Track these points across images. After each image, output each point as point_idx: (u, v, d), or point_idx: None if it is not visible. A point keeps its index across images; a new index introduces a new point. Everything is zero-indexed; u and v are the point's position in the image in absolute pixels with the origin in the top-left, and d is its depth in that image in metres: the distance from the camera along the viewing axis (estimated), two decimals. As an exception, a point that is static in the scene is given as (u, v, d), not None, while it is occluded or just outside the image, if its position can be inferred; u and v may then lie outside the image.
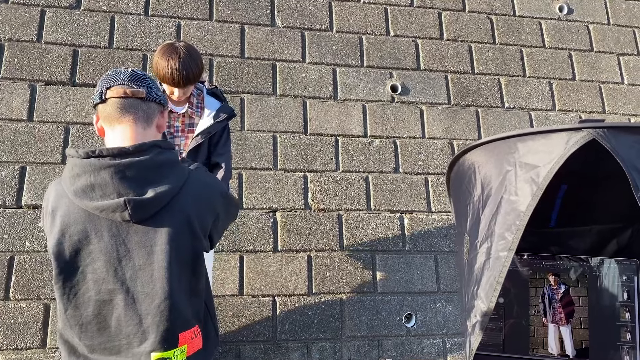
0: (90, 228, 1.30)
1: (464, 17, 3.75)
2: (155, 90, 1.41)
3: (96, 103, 1.37)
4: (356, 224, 3.13)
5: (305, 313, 2.92)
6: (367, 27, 3.55)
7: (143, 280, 1.32)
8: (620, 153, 0.85)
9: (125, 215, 1.28)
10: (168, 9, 3.27)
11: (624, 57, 3.91)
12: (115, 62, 3.08)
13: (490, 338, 1.13)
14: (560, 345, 1.09)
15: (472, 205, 1.02)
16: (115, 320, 1.33)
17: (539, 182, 0.88)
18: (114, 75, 1.36)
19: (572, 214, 1.17)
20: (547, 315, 1.11)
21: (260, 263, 2.94)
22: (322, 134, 3.26)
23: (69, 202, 1.30)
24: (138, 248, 1.31)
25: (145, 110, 1.37)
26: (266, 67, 3.31)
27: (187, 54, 2.01)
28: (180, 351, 1.35)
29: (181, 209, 1.34)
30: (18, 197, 2.75)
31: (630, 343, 1.05)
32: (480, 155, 1.02)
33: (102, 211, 1.28)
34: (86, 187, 1.28)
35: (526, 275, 1.13)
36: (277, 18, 3.43)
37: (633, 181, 0.85)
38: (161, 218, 1.32)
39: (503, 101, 3.60)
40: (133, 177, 1.29)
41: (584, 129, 0.88)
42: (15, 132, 2.85)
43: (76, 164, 1.29)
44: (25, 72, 2.96)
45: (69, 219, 1.30)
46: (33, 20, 3.05)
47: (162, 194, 1.31)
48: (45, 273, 2.67)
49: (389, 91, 3.44)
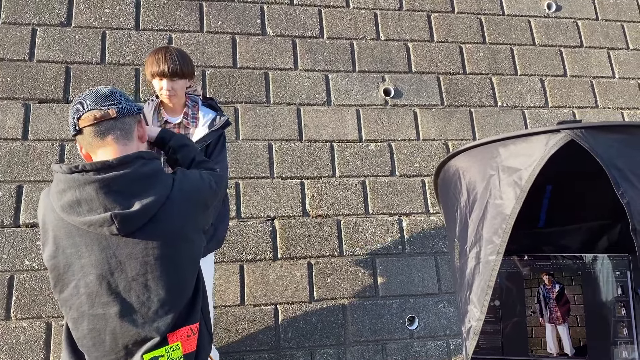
0: (80, 242, 1.31)
1: (454, 18, 3.78)
2: (125, 103, 1.40)
3: (73, 135, 1.38)
4: (355, 228, 3.14)
5: (307, 320, 2.91)
6: (357, 32, 3.57)
7: (137, 291, 1.33)
8: (599, 152, 0.88)
9: (113, 230, 1.28)
10: (159, 22, 3.28)
11: (614, 51, 3.94)
12: (108, 77, 3.09)
13: (488, 341, 1.15)
14: (558, 344, 1.10)
15: (460, 211, 1.04)
16: (111, 334, 1.33)
17: (522, 184, 0.90)
18: (80, 102, 1.36)
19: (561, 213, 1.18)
20: (544, 315, 1.12)
21: (261, 272, 2.94)
22: (317, 140, 3.27)
23: (58, 217, 1.31)
24: (129, 260, 1.32)
25: (121, 128, 1.37)
26: (259, 76, 3.32)
27: (177, 50, 2.11)
28: (174, 348, 1.36)
29: (170, 217, 1.35)
30: (16, 216, 2.75)
31: (627, 338, 1.05)
32: (464, 161, 1.04)
33: (90, 226, 1.29)
34: (73, 203, 1.29)
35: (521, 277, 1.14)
36: (267, 27, 3.45)
37: (613, 179, 0.88)
38: (151, 228, 1.32)
39: (496, 100, 3.62)
40: (118, 190, 1.29)
41: (562, 131, 0.91)
42: (11, 151, 2.85)
43: (61, 179, 1.31)
44: (19, 91, 2.96)
45: (60, 233, 1.31)
46: (24, 39, 3.06)
47: (149, 205, 1.31)
48: (46, 291, 2.67)
49: (382, 95, 3.46)
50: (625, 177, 0.88)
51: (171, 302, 1.36)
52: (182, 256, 1.39)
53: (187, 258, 1.40)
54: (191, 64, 2.15)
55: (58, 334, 2.63)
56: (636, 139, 0.92)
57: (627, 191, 0.88)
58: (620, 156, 0.89)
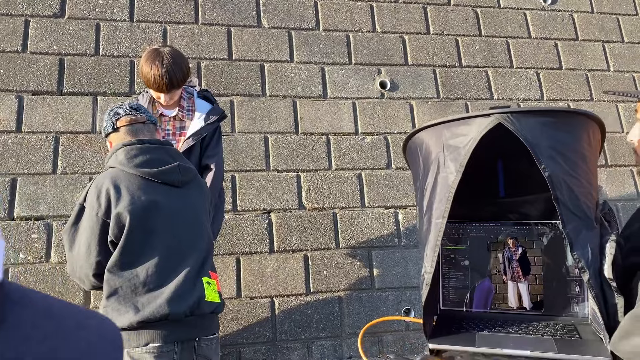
0: (152, 191, 1.69)
1: (450, 11, 3.77)
2: (149, 115, 1.85)
3: (109, 132, 1.78)
4: (351, 221, 3.14)
5: (304, 312, 2.92)
6: (353, 25, 3.56)
7: (194, 229, 1.77)
8: (523, 133, 1.04)
9: (178, 177, 1.75)
10: (153, 14, 3.25)
11: (609, 44, 3.95)
12: (102, 69, 3.06)
13: (458, 295, 1.30)
14: (518, 299, 1.25)
15: (419, 183, 1.23)
16: (176, 262, 1.68)
17: (460, 159, 1.08)
18: (117, 109, 1.79)
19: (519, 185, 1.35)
20: (507, 274, 1.28)
21: (257, 264, 2.94)
22: (314, 133, 3.26)
23: (130, 176, 1.68)
24: (187, 205, 1.78)
25: (149, 130, 1.80)
26: (254, 68, 3.30)
27: (171, 59, 2.03)
28: (214, 283, 1.78)
29: (202, 182, 1.93)
30: (10, 209, 2.73)
31: (579, 294, 1.21)
32: (420, 139, 1.22)
33: (162, 174, 1.72)
34: (146, 160, 1.71)
35: (488, 240, 1.31)
36: (263, 19, 3.43)
37: (536, 155, 1.03)
38: (194, 185, 1.84)
39: (492, 93, 3.62)
40: (173, 156, 1.79)
41: (491, 115, 1.07)
42: (4, 143, 2.82)
43: (132, 148, 1.71)
44: (12, 83, 2.93)
45: (134, 186, 1.67)
46: (17, 31, 3.03)
47: (192, 168, 1.85)
48: (41, 285, 2.66)
49: (378, 87, 3.45)
50: (547, 153, 1.03)
51: (208, 246, 1.81)
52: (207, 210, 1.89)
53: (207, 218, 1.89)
54: (187, 66, 2.11)
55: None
56: (555, 121, 1.08)
57: (549, 165, 1.02)
58: (541, 136, 1.04)
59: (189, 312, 1.65)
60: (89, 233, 1.64)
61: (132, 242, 1.64)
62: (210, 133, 2.25)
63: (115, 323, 1.63)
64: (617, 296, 1.02)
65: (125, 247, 1.63)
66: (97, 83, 3.04)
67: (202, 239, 1.80)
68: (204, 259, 1.76)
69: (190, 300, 1.65)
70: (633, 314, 0.97)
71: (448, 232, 1.33)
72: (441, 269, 1.32)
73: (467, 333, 1.17)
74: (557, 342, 1.08)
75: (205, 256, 1.78)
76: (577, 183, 1.06)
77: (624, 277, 1.06)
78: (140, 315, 1.58)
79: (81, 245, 1.65)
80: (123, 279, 1.63)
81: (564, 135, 1.08)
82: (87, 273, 1.67)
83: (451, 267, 1.33)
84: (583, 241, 1.04)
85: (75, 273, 1.71)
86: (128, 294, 1.63)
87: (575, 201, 1.05)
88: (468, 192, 1.19)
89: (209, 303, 1.72)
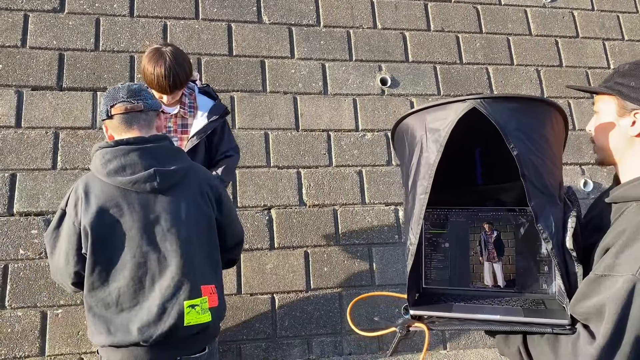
0: (123, 202, 1.57)
1: (450, 8, 3.76)
2: (151, 100, 1.70)
3: (103, 119, 1.66)
4: (351, 218, 3.14)
5: (304, 309, 2.92)
6: (354, 21, 3.55)
7: (171, 240, 1.60)
8: (494, 117, 1.13)
9: (154, 185, 1.58)
10: (153, 9, 3.24)
11: (609, 42, 3.95)
12: (102, 64, 3.05)
13: (439, 275, 1.43)
14: (493, 278, 1.38)
15: (405, 165, 1.32)
16: (150, 279, 1.58)
17: (440, 141, 1.18)
18: (114, 93, 1.65)
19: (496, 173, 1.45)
20: (483, 255, 1.40)
21: (258, 261, 2.94)
22: (314, 129, 3.26)
23: (102, 184, 1.58)
24: (165, 214, 1.61)
25: (145, 119, 1.67)
26: (255, 65, 3.29)
27: (173, 59, 2.00)
28: (204, 301, 1.64)
29: (193, 182, 1.69)
30: (9, 204, 2.72)
31: (547, 273, 1.34)
32: (406, 125, 1.32)
33: (134, 184, 1.57)
34: (118, 168, 1.56)
35: (466, 225, 1.44)
36: (263, 15, 3.42)
37: (505, 137, 1.12)
38: (180, 188, 1.65)
39: (492, 90, 3.61)
40: (155, 157, 1.61)
41: (467, 100, 1.16)
42: (4, 139, 2.81)
43: (107, 151, 1.58)
44: (11, 78, 2.92)
45: (104, 197, 1.57)
46: (17, 25, 3.01)
47: (180, 169, 1.65)
48: (41, 280, 2.65)
49: (378, 84, 3.44)
50: (516, 135, 1.13)
51: (197, 253, 1.64)
52: (203, 215, 1.69)
53: (207, 219, 1.70)
54: (189, 66, 2.09)
55: (53, 323, 2.61)
56: (522, 107, 1.17)
57: (517, 145, 1.12)
58: (511, 119, 1.13)
59: (162, 338, 1.57)
60: (67, 242, 1.60)
61: (97, 259, 1.56)
62: (220, 127, 2.24)
63: (93, 340, 1.59)
64: (577, 265, 1.14)
65: (91, 263, 1.56)
66: (97, 78, 3.02)
67: (184, 252, 1.61)
68: (185, 276, 1.60)
69: (162, 327, 1.56)
70: (588, 279, 1.09)
71: (431, 217, 1.44)
72: (424, 251, 1.43)
73: (446, 304, 1.31)
74: (524, 311, 1.22)
75: (189, 272, 1.61)
76: (541, 163, 1.16)
77: (585, 254, 1.19)
78: (111, 340, 1.56)
79: (61, 253, 1.62)
80: (95, 298, 1.58)
81: (530, 120, 1.18)
82: (66, 281, 1.65)
83: (433, 250, 1.44)
84: (547, 214, 1.15)
85: (57, 277, 1.70)
86: (102, 312, 1.58)
87: (540, 178, 1.15)
88: (450, 180, 1.33)
89: (189, 327, 1.60)
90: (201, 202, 1.69)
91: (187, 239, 1.63)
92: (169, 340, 1.59)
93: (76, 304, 2.65)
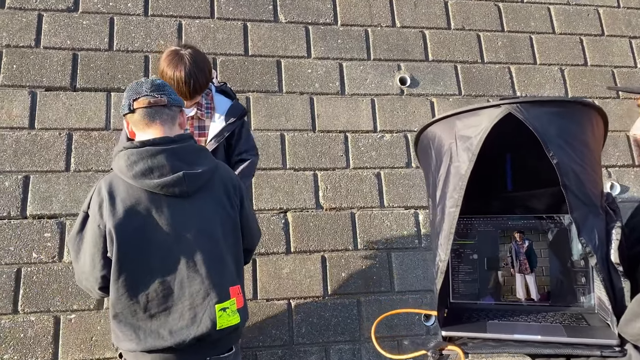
0: (150, 205, 1.53)
1: (471, 6, 3.66)
2: (174, 95, 1.66)
3: (125, 113, 1.61)
4: (370, 221, 3.05)
5: (321, 315, 2.84)
6: (372, 19, 3.46)
7: (200, 243, 1.56)
8: (532, 122, 1.06)
9: (183, 188, 1.54)
10: (168, 8, 3.18)
11: (636, 40, 3.81)
12: (116, 64, 2.99)
13: (467, 288, 1.34)
14: (526, 291, 1.29)
15: (431, 174, 1.26)
16: (179, 284, 1.54)
17: (472, 149, 1.10)
18: (137, 87, 1.60)
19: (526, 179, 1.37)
20: (515, 266, 1.31)
21: (274, 265, 2.86)
22: (331, 130, 3.18)
23: (127, 186, 1.53)
24: (193, 217, 1.57)
25: (169, 114, 1.62)
26: (271, 64, 3.22)
27: (193, 63, 1.93)
28: (232, 303, 1.61)
29: (218, 183, 1.65)
30: (23, 207, 2.68)
31: (585, 285, 1.24)
32: (432, 132, 1.25)
33: (162, 187, 1.52)
34: (145, 170, 1.51)
35: (496, 234, 1.35)
36: (280, 13, 3.34)
37: (544, 144, 1.05)
38: (207, 189, 1.61)
39: (515, 90, 3.51)
40: (182, 158, 1.56)
41: (502, 105, 1.09)
42: (17, 140, 2.77)
43: (132, 152, 1.52)
44: (25, 79, 2.87)
45: (130, 200, 1.52)
46: (31, 25, 2.97)
47: (207, 170, 1.61)
48: (54, 285, 2.60)
49: (397, 84, 3.35)
50: (555, 142, 1.06)
51: (226, 255, 1.61)
52: (229, 217, 1.65)
53: (232, 221, 1.66)
54: (209, 69, 2.01)
55: (67, 328, 2.56)
56: (563, 111, 1.11)
57: (557, 153, 1.05)
58: (550, 125, 1.07)
59: (195, 341, 1.54)
60: (92, 246, 1.54)
61: (123, 264, 1.52)
62: (238, 128, 2.17)
63: (120, 346, 1.49)
64: (623, 280, 1.05)
65: (117, 269, 1.52)
66: (111, 79, 2.97)
67: (213, 255, 1.59)
68: (215, 279, 1.58)
69: (194, 332, 1.54)
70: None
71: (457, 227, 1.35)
72: (450, 263, 1.35)
73: (478, 322, 1.22)
74: (565, 329, 1.13)
75: (218, 275, 1.59)
76: (583, 171, 1.09)
77: (630, 265, 1.11)
78: (142, 346, 1.52)
79: (86, 257, 1.57)
80: (122, 305, 1.53)
81: (571, 124, 1.11)
82: (93, 286, 1.59)
83: (460, 262, 1.36)
84: (590, 226, 1.08)
85: (82, 283, 1.64)
86: (129, 318, 1.54)
87: (582, 188, 1.08)
88: (477, 187, 1.23)
89: (221, 330, 1.57)
90: (226, 203, 1.65)
91: (215, 241, 1.60)
92: (201, 343, 1.57)
93: (89, 309, 2.60)
